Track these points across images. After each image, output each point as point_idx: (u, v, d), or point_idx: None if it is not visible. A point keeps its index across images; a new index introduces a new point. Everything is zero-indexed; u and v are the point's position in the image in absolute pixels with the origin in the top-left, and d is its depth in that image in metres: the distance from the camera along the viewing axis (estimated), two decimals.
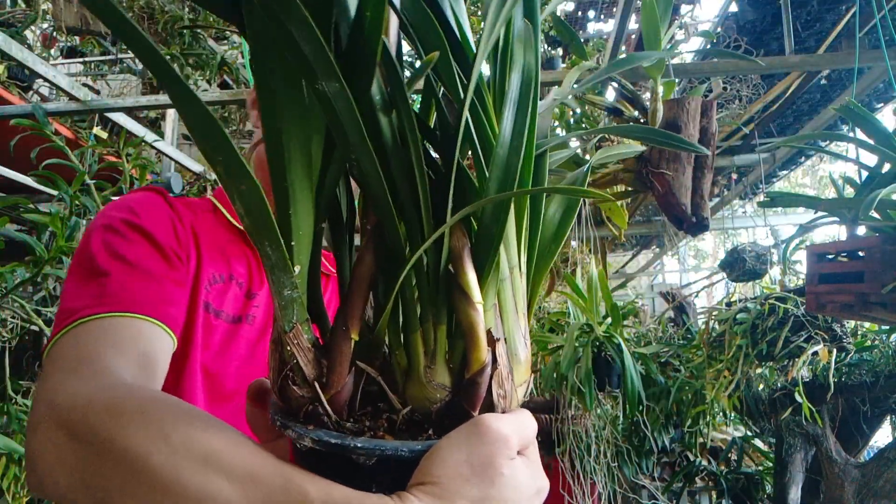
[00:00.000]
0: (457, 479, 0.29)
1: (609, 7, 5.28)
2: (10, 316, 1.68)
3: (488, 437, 0.30)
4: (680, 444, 2.55)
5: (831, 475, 1.94)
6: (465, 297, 0.32)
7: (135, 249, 0.59)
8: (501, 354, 0.33)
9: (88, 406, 0.37)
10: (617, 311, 1.99)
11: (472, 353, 0.32)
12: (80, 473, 0.35)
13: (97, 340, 0.50)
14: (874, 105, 3.00)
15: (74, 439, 0.37)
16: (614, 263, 6.05)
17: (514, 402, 0.35)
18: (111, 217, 0.61)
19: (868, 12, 2.04)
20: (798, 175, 10.71)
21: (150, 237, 0.61)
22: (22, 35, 3.48)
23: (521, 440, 0.32)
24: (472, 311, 0.32)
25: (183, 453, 0.32)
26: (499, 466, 0.30)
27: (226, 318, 0.68)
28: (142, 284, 0.56)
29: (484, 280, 0.34)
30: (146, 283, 0.57)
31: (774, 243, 3.07)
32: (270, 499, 0.30)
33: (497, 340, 0.33)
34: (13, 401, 1.63)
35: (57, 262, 1.61)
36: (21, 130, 1.80)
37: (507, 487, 0.30)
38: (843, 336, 1.75)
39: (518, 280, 0.37)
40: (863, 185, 1.18)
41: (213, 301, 0.66)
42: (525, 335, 0.37)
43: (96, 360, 0.48)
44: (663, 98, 1.40)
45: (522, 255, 0.39)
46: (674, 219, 1.35)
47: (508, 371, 0.34)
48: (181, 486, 0.31)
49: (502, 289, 0.35)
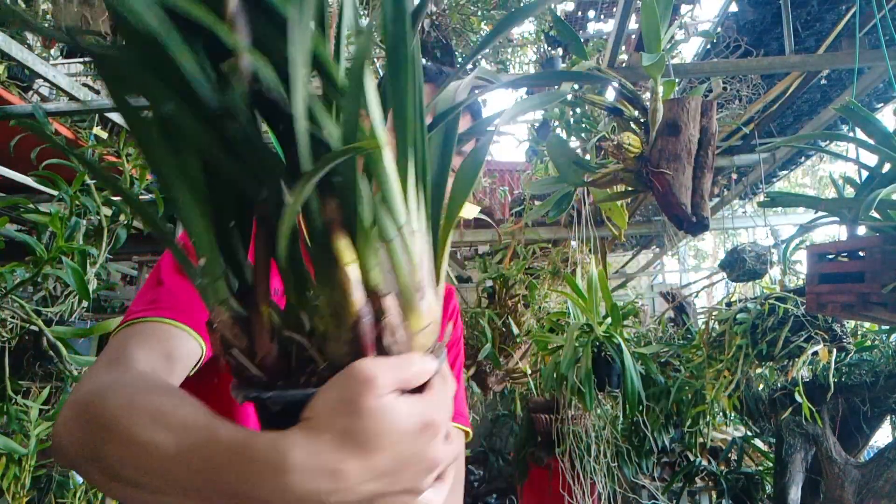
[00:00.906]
0: (326, 413, 0.34)
1: (609, 7, 5.28)
2: (10, 316, 1.67)
3: (354, 378, 0.35)
4: (680, 444, 2.55)
5: (831, 475, 1.94)
6: (334, 260, 0.37)
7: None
8: (390, 307, 0.37)
9: (99, 391, 0.49)
10: (617, 311, 1.99)
11: (344, 310, 0.36)
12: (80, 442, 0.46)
13: (133, 339, 0.61)
14: (874, 105, 3.00)
15: (81, 417, 0.48)
16: (614, 263, 6.05)
17: (413, 347, 0.39)
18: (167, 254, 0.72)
19: (868, 12, 2.04)
20: (798, 175, 10.71)
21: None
22: (22, 35, 3.48)
23: (395, 378, 0.36)
24: (339, 273, 0.36)
25: (139, 414, 0.42)
26: (363, 402, 0.34)
27: None
28: (187, 296, 0.66)
29: (358, 243, 0.37)
30: (191, 295, 0.65)
31: (774, 243, 3.07)
32: (195, 443, 0.38)
33: (385, 295, 0.37)
34: (13, 401, 1.63)
35: (57, 262, 1.60)
36: (21, 130, 1.80)
37: (372, 419, 0.34)
38: (843, 336, 1.75)
39: (408, 238, 0.39)
40: (863, 185, 1.18)
41: None
42: (430, 285, 0.41)
43: (125, 356, 0.59)
44: (663, 98, 1.40)
45: (416, 212, 0.41)
46: (674, 219, 1.35)
47: (401, 320, 0.38)
48: (136, 438, 0.40)
49: (391, 248, 0.38)
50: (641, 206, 3.69)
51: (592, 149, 2.16)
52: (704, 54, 3.00)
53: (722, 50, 2.69)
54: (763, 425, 2.31)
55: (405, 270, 0.39)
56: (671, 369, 2.45)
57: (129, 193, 0.42)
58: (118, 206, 1.94)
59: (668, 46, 1.50)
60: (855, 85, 1.94)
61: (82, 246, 1.68)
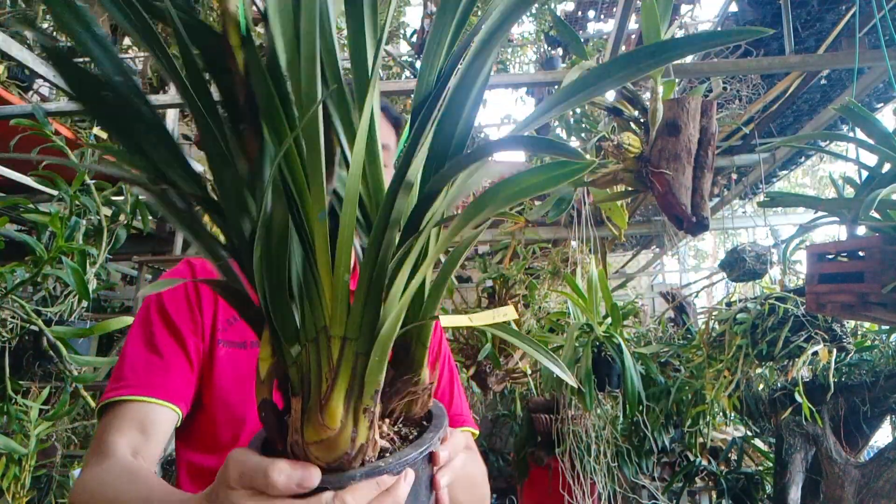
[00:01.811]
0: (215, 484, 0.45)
1: (609, 7, 5.28)
2: (10, 316, 1.67)
3: (226, 463, 0.44)
4: (680, 444, 2.55)
5: (831, 475, 1.94)
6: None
7: (154, 333, 0.78)
8: (294, 409, 0.43)
9: (85, 490, 0.65)
10: (617, 311, 1.99)
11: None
12: None
13: (110, 427, 0.72)
14: (874, 105, 3.00)
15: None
16: (614, 263, 6.05)
17: (306, 455, 0.42)
18: (149, 299, 0.82)
19: (868, 12, 2.04)
20: (798, 175, 10.71)
21: (168, 318, 0.79)
22: (22, 35, 3.48)
23: (242, 477, 0.42)
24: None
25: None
26: (220, 484, 0.44)
27: (255, 345, 0.81)
28: (146, 367, 0.75)
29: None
30: (151, 365, 0.75)
31: (774, 243, 3.07)
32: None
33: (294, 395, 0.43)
34: (13, 401, 1.63)
35: (57, 262, 1.60)
36: (21, 130, 1.80)
37: (219, 498, 0.44)
38: (843, 336, 1.75)
39: (324, 348, 0.42)
40: (863, 185, 1.18)
41: (234, 337, 0.82)
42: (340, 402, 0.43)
43: (108, 445, 0.70)
44: (663, 98, 1.40)
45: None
46: (674, 219, 1.35)
47: (299, 425, 0.42)
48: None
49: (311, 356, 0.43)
50: (641, 206, 3.69)
51: (592, 149, 2.16)
52: (704, 54, 3.00)
53: (722, 50, 2.69)
54: (763, 425, 2.31)
55: (315, 381, 0.41)
56: (671, 369, 2.44)
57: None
58: (118, 207, 1.94)
59: None
60: (855, 85, 1.94)
61: (82, 246, 1.68)
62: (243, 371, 0.80)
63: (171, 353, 0.77)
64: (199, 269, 0.87)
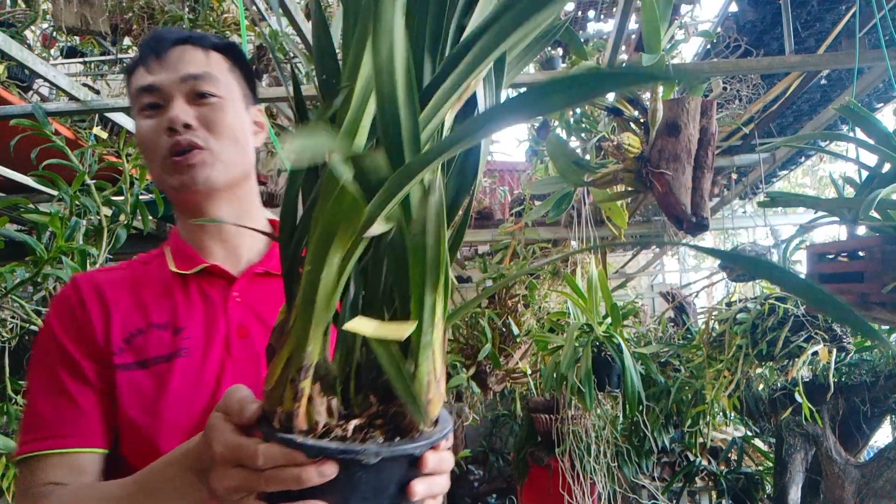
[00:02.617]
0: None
1: (609, 7, 5.28)
2: (10, 316, 1.67)
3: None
4: (680, 444, 2.55)
5: (831, 475, 1.94)
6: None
7: (56, 371, 0.74)
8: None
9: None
10: (617, 311, 1.99)
11: None
12: None
13: (33, 477, 0.69)
14: (874, 105, 2.99)
15: None
16: (614, 263, 6.05)
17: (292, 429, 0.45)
18: (42, 329, 0.78)
19: (868, 12, 2.04)
20: (798, 175, 10.70)
21: (63, 349, 0.75)
22: (22, 35, 3.48)
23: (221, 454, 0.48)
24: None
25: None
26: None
27: (156, 362, 0.75)
28: (55, 414, 0.72)
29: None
30: (59, 411, 0.72)
31: (774, 243, 3.07)
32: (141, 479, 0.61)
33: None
34: (13, 401, 1.63)
35: (57, 262, 1.60)
36: (21, 130, 1.80)
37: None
38: (843, 336, 1.75)
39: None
40: (863, 185, 1.18)
41: (135, 356, 0.76)
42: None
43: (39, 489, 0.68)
44: (663, 98, 1.40)
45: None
46: (674, 219, 1.35)
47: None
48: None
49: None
50: (641, 206, 3.69)
51: (592, 149, 2.16)
52: (704, 54, 3.00)
53: (722, 50, 2.69)
54: (763, 425, 2.31)
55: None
56: (671, 369, 2.44)
57: None
58: (118, 207, 1.94)
59: (668, 46, 1.50)
60: (855, 85, 1.94)
61: (82, 246, 1.68)
62: (148, 393, 0.73)
63: (75, 391, 0.73)
64: (83, 283, 0.80)
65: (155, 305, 0.78)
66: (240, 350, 0.75)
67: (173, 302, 0.79)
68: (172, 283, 0.80)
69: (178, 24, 2.96)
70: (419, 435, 0.46)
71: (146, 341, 0.75)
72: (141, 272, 0.83)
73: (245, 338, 0.76)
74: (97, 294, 0.79)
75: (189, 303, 0.79)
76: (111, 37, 3.43)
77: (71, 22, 3.19)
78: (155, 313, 0.78)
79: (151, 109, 0.77)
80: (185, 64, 0.77)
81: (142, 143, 0.78)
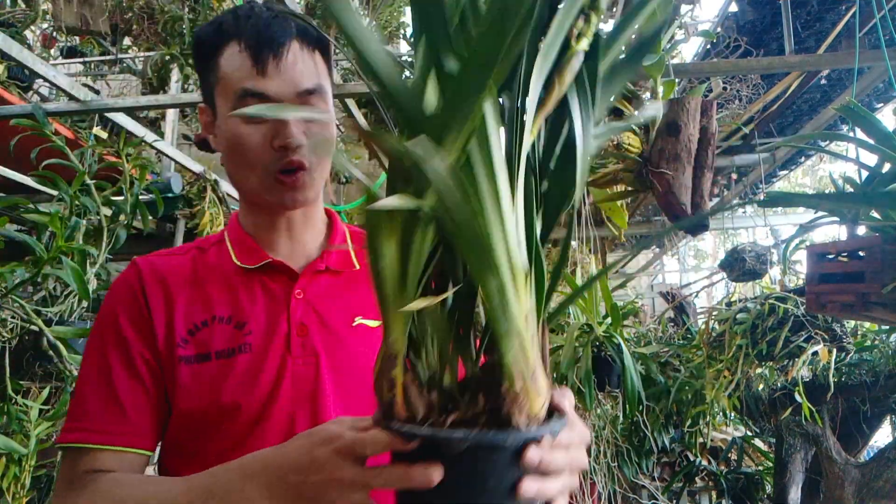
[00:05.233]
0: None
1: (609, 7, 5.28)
2: (10, 316, 1.67)
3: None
4: (680, 444, 2.55)
5: (831, 475, 1.94)
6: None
7: (110, 362, 0.73)
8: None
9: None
10: (617, 311, 1.99)
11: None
12: None
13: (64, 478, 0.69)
14: (874, 105, 3.00)
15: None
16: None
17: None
18: (104, 308, 0.77)
19: (868, 12, 2.04)
20: (798, 175, 10.70)
21: (121, 333, 0.74)
22: (22, 35, 3.48)
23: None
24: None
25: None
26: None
27: (218, 356, 0.74)
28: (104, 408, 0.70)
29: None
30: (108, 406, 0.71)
31: (774, 243, 3.07)
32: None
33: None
34: (13, 401, 1.63)
35: (57, 262, 1.60)
36: (21, 130, 1.80)
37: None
38: (843, 336, 1.75)
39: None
40: (863, 184, 1.18)
41: (198, 349, 0.75)
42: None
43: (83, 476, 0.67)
44: (663, 98, 1.40)
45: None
46: (674, 219, 1.35)
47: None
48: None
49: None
50: (641, 206, 3.69)
51: None
52: (704, 54, 3.00)
53: (722, 50, 2.69)
54: (763, 425, 2.31)
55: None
56: (671, 369, 2.44)
57: None
58: (118, 207, 1.94)
59: (668, 46, 1.50)
60: (855, 85, 1.94)
61: (82, 246, 1.68)
62: (208, 387, 0.72)
63: (127, 386, 0.72)
64: (145, 268, 0.78)
65: (218, 298, 0.77)
66: (299, 348, 0.74)
67: (235, 296, 0.77)
68: (235, 277, 0.79)
69: (177, 25, 2.96)
70: (513, 428, 0.44)
71: (210, 334, 0.74)
72: (201, 261, 0.81)
73: (305, 336, 0.75)
74: (159, 282, 0.77)
75: (252, 297, 0.77)
76: (111, 37, 3.43)
77: (71, 22, 3.19)
78: (218, 306, 0.76)
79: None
80: (299, 74, 0.74)
81: (238, 147, 0.74)
